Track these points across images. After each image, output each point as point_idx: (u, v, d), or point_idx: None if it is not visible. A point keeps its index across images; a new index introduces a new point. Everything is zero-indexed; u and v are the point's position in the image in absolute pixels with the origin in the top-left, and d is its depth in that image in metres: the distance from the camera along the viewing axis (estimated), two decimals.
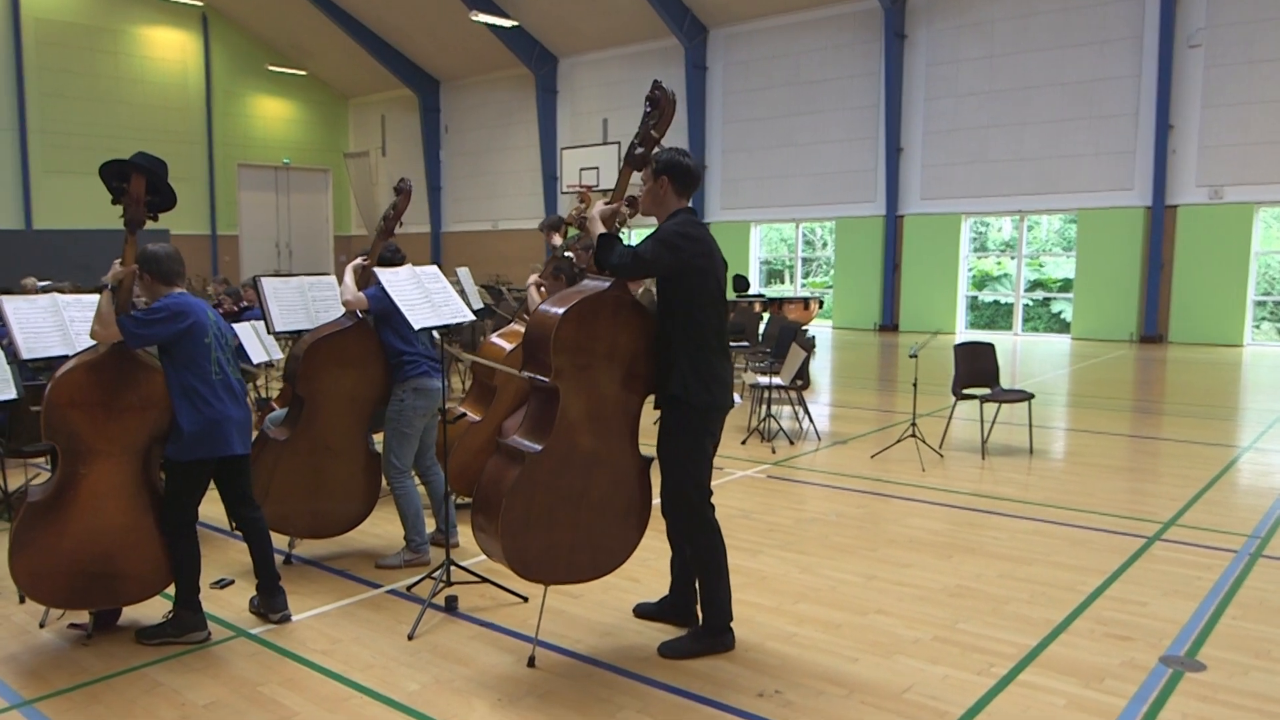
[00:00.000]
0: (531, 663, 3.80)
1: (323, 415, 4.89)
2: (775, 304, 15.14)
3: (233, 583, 4.76)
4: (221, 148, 25.46)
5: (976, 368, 7.55)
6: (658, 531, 4.19)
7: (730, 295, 16.94)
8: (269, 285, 5.76)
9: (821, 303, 15.92)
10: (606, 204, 3.88)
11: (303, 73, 26.44)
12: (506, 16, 20.52)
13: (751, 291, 16.17)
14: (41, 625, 4.24)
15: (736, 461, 7.35)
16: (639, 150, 3.86)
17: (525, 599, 4.49)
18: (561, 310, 3.67)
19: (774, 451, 7.65)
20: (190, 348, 3.94)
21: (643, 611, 4.27)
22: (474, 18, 19.92)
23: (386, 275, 4.34)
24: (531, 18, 20.97)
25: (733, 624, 3.98)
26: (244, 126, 25.91)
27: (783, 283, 20.16)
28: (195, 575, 4.09)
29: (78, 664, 3.88)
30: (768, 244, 20.88)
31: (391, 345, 5.01)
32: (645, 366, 3.85)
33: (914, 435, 7.32)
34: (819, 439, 8.14)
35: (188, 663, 3.88)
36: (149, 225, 4.03)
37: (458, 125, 25.12)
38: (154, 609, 4.27)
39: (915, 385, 7.47)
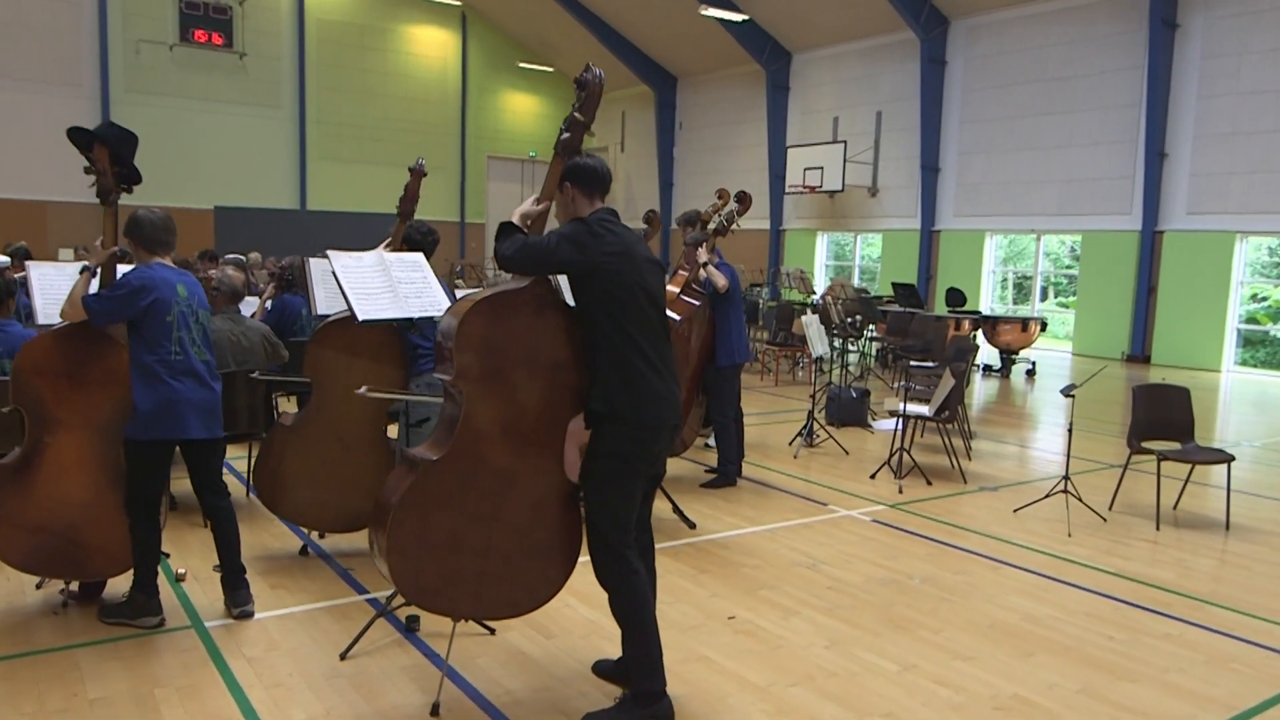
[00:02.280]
0: (435, 711, 3.31)
1: (330, 404, 4.65)
2: (988, 323, 13.56)
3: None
4: (473, 140, 26.84)
5: (1161, 416, 6.13)
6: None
7: (941, 309, 15.52)
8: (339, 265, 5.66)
9: (1044, 325, 14.07)
10: (535, 201, 3.35)
11: (550, 69, 27.33)
12: (737, 10, 19.98)
13: (966, 307, 14.62)
14: (38, 586, 4.30)
15: (850, 499, 6.43)
16: (565, 136, 3.33)
17: (492, 631, 4.00)
18: (470, 304, 3.15)
19: (900, 491, 6.64)
20: (150, 326, 3.79)
21: (601, 670, 3.64)
22: (702, 11, 19.55)
23: (342, 260, 4.00)
24: (763, 12, 20.30)
25: (701, 697, 3.29)
26: (494, 120, 27.17)
27: (1027, 300, 18.18)
28: (153, 559, 3.95)
29: (26, 634, 3.85)
30: (1004, 257, 18.95)
31: (408, 338, 4.70)
32: (574, 377, 3.27)
33: (1065, 491, 6.06)
34: (964, 481, 6.99)
35: (121, 649, 3.74)
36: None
37: (691, 122, 24.92)
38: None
39: (1070, 431, 6.17)
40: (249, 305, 7.24)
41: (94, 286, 3.91)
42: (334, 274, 3.98)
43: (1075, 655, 4.01)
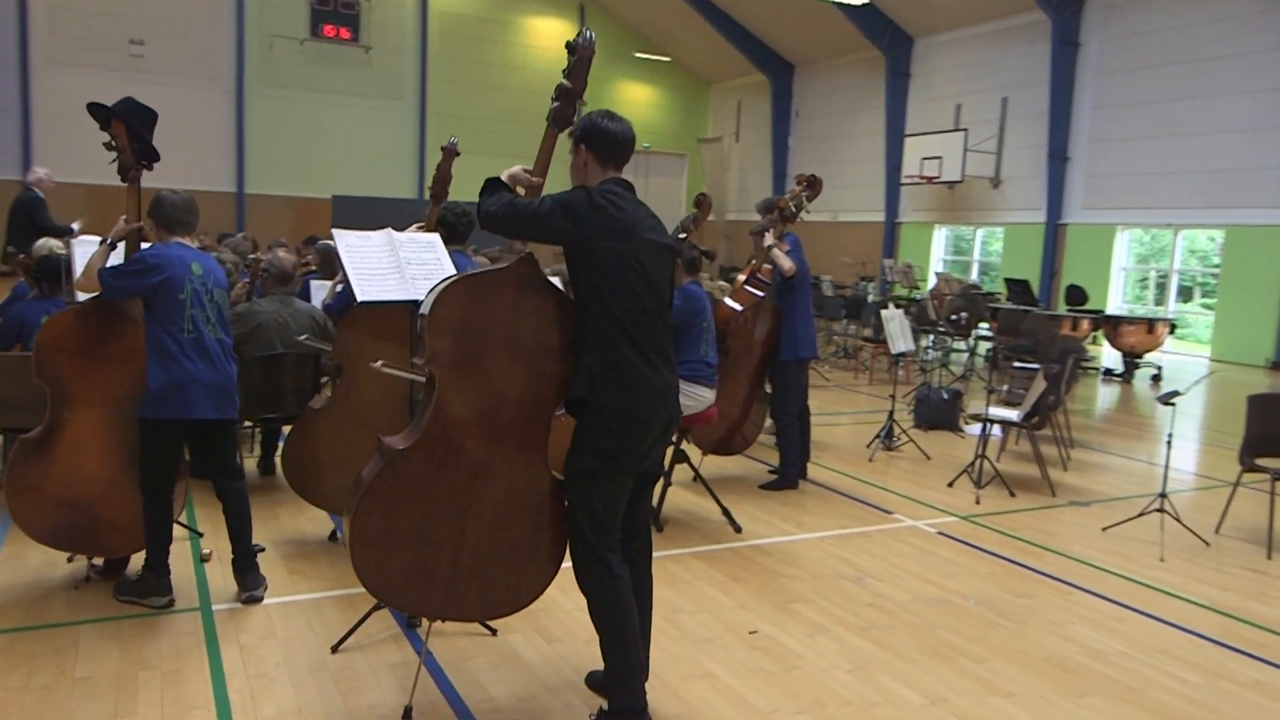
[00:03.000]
0: (407, 715, 3.15)
1: (358, 388, 4.57)
2: (1110, 323, 12.58)
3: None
4: None
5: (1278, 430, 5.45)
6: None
7: (1061, 308, 14.51)
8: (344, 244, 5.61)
9: (1173, 327, 12.94)
10: (526, 170, 3.12)
11: (667, 59, 27.12)
12: None
13: (1089, 306, 13.63)
14: (69, 560, 4.37)
15: (919, 508, 5.98)
16: (554, 104, 3.11)
17: (493, 631, 3.82)
18: (446, 284, 2.95)
19: (977, 502, 6.14)
20: (163, 303, 3.77)
21: (593, 682, 3.41)
22: None
23: (348, 239, 3.87)
24: None
25: (692, 718, 3.04)
26: (617, 112, 27.18)
27: (1164, 302, 16.85)
28: (163, 538, 3.94)
29: (40, 608, 3.90)
30: (1144, 254, 17.64)
31: None
32: (560, 366, 3.04)
33: (1161, 510, 5.45)
34: (1053, 494, 6.42)
35: (123, 628, 3.74)
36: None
37: (808, 111, 24.24)
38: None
39: (1169, 443, 5.53)
40: (320, 288, 7.29)
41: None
42: (336, 253, 3.87)
43: (1137, 699, 3.53)
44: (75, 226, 7.84)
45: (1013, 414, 6.72)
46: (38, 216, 8.59)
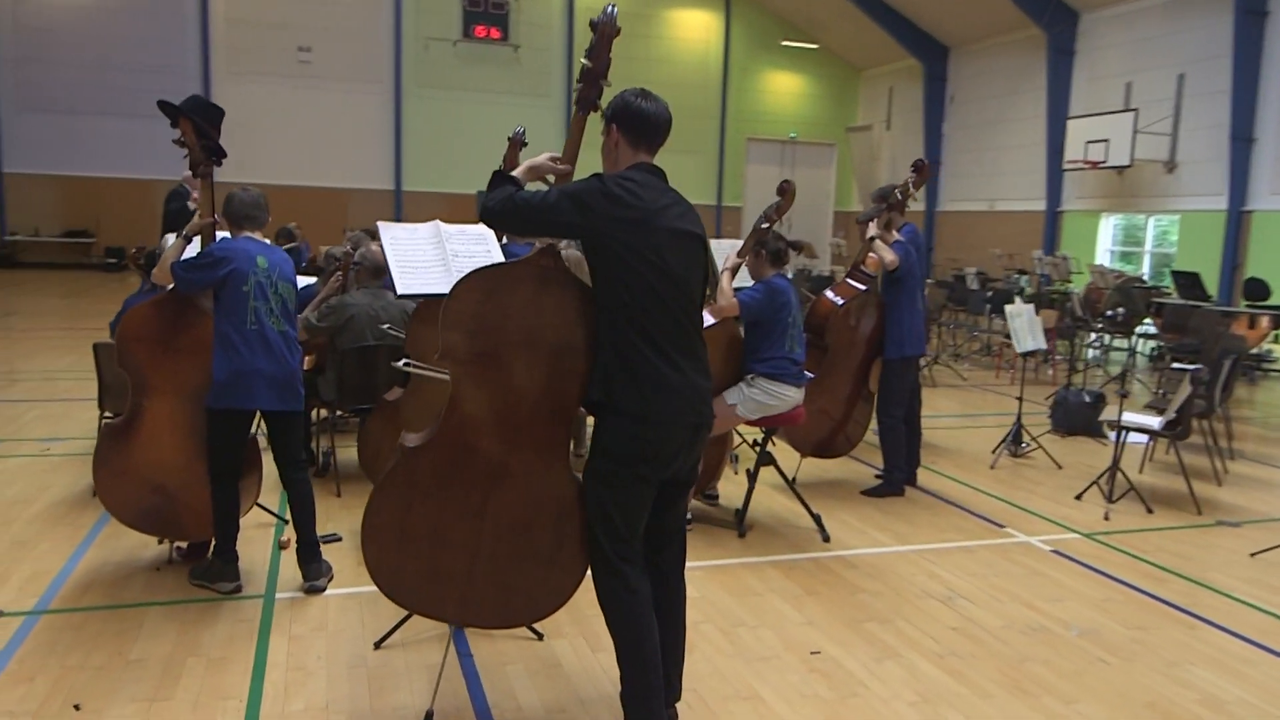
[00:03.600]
0: (429, 718, 3.07)
1: (427, 382, 4.55)
2: None
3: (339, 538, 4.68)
4: (733, 122, 26.57)
5: None
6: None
7: (1241, 304, 13.12)
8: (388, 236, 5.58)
9: None
10: (553, 157, 2.95)
11: (814, 46, 26.42)
12: None
13: (1271, 301, 12.27)
14: (160, 542, 4.55)
15: (1038, 522, 5.48)
16: (577, 86, 2.92)
17: (540, 636, 3.70)
18: (464, 277, 2.83)
19: (1106, 518, 5.56)
20: (228, 295, 3.84)
21: None
22: None
23: (393, 231, 3.81)
24: None
25: None
26: (754, 101, 26.70)
27: None
28: (230, 525, 4.04)
29: (120, 588, 4.06)
30: None
31: None
32: (584, 364, 2.87)
33: None
34: (1198, 512, 5.75)
35: (187, 612, 3.85)
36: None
37: (963, 96, 23.01)
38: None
39: None
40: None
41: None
42: (380, 246, 3.83)
43: None
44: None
45: (1154, 421, 6.06)
46: (170, 211, 9.14)
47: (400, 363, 3.82)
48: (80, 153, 21.11)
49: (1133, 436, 6.25)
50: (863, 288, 5.86)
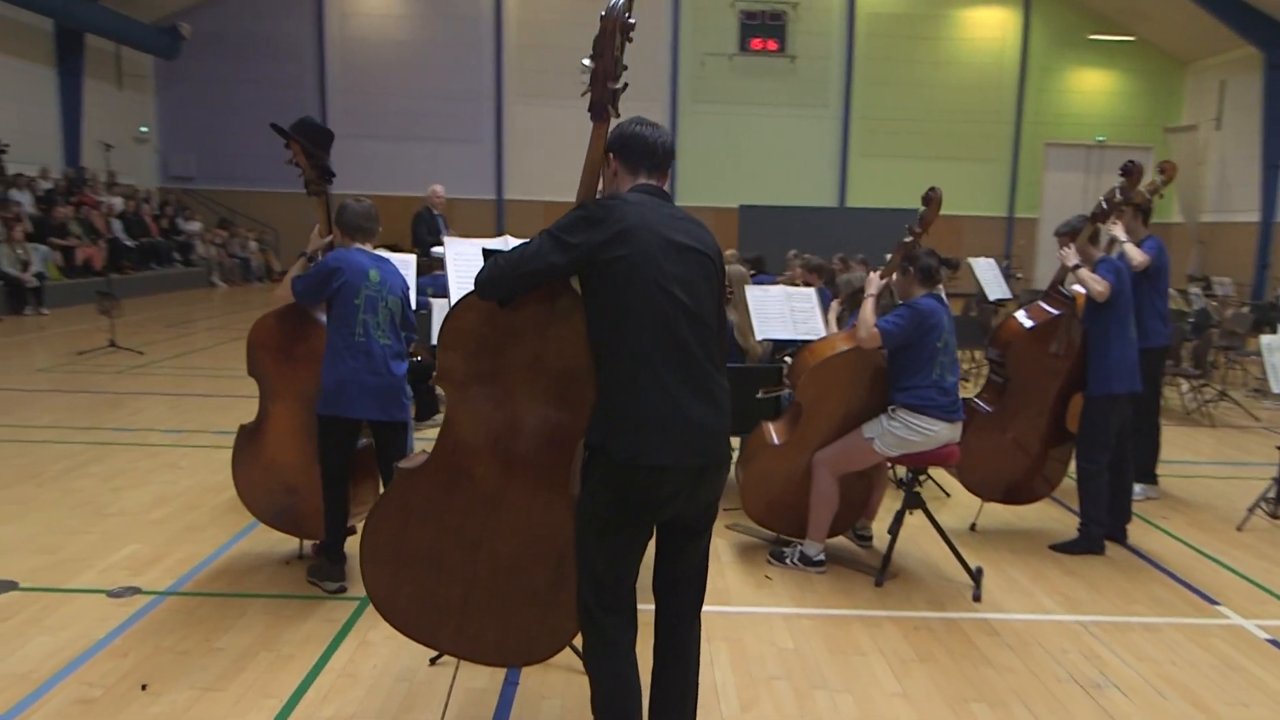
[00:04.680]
0: None
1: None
2: None
3: None
4: (1030, 126, 24.48)
5: None
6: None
7: None
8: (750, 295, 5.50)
9: None
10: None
11: (1130, 39, 23.68)
12: None
13: None
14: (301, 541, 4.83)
15: (1270, 602, 4.44)
16: (583, 94, 2.67)
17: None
18: (465, 294, 2.70)
19: None
20: (339, 306, 4.01)
21: None
22: None
23: (458, 246, 3.74)
24: None
25: None
26: (1055, 103, 24.43)
27: None
28: (339, 527, 4.21)
29: (246, 578, 4.37)
30: None
31: None
32: (589, 392, 2.63)
33: None
34: None
35: (288, 608, 4.06)
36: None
37: None
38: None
39: None
40: None
41: None
42: (443, 262, 3.81)
43: None
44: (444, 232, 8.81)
45: None
46: (417, 226, 9.86)
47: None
48: (390, 174, 23.64)
49: None
50: (1056, 311, 5.07)
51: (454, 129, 23.89)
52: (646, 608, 2.67)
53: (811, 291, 5.44)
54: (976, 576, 4.47)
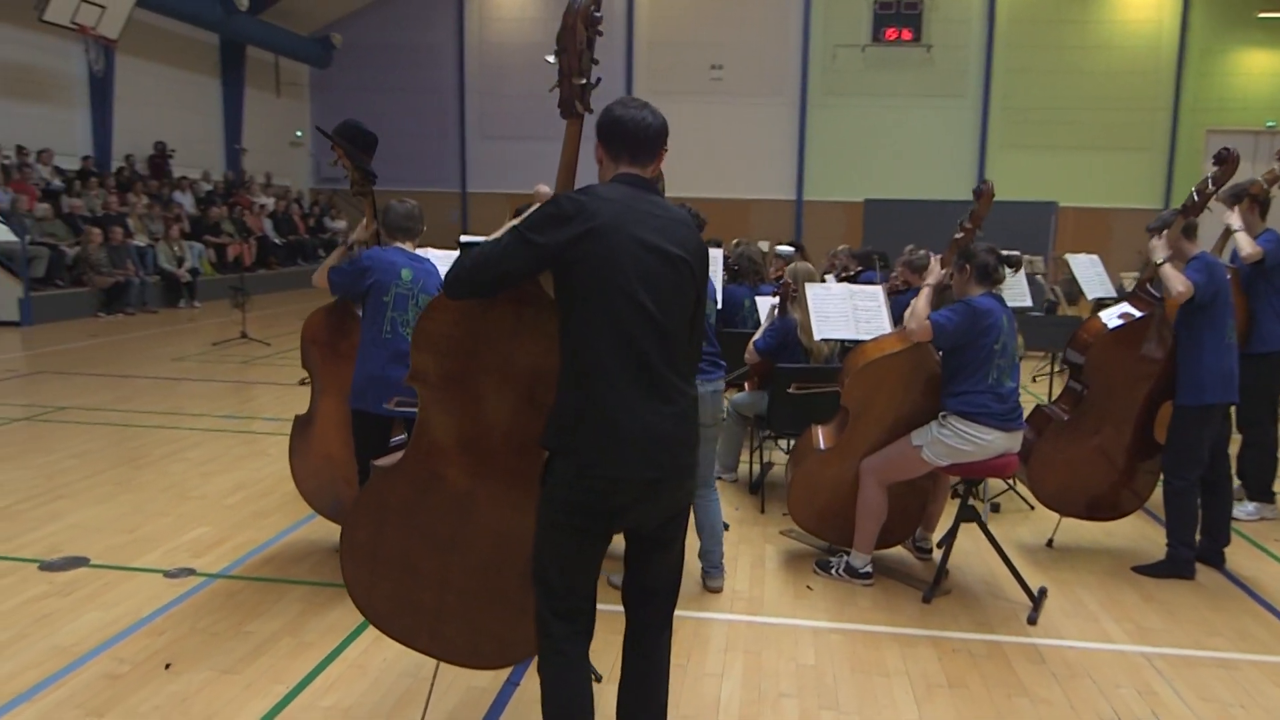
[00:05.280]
0: None
1: None
2: None
3: None
4: (1188, 113, 22.70)
5: None
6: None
7: None
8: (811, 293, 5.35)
9: None
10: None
11: None
12: None
13: None
14: None
15: None
16: (551, 90, 2.61)
17: (599, 678, 3.44)
18: (438, 297, 2.69)
19: None
20: (370, 304, 4.10)
21: None
22: None
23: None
24: None
25: None
26: (1218, 87, 22.55)
27: None
28: None
29: (292, 565, 4.54)
30: None
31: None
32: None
33: None
34: None
35: (321, 596, 4.18)
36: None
37: None
38: None
39: None
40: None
41: None
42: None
43: None
44: None
45: None
46: None
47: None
48: (522, 173, 24.17)
49: None
50: (1141, 313, 4.66)
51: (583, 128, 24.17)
52: (608, 609, 2.60)
53: (878, 290, 5.18)
54: (1037, 598, 4.16)
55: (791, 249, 9.47)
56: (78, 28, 14.28)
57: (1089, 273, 6.96)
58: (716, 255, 4.98)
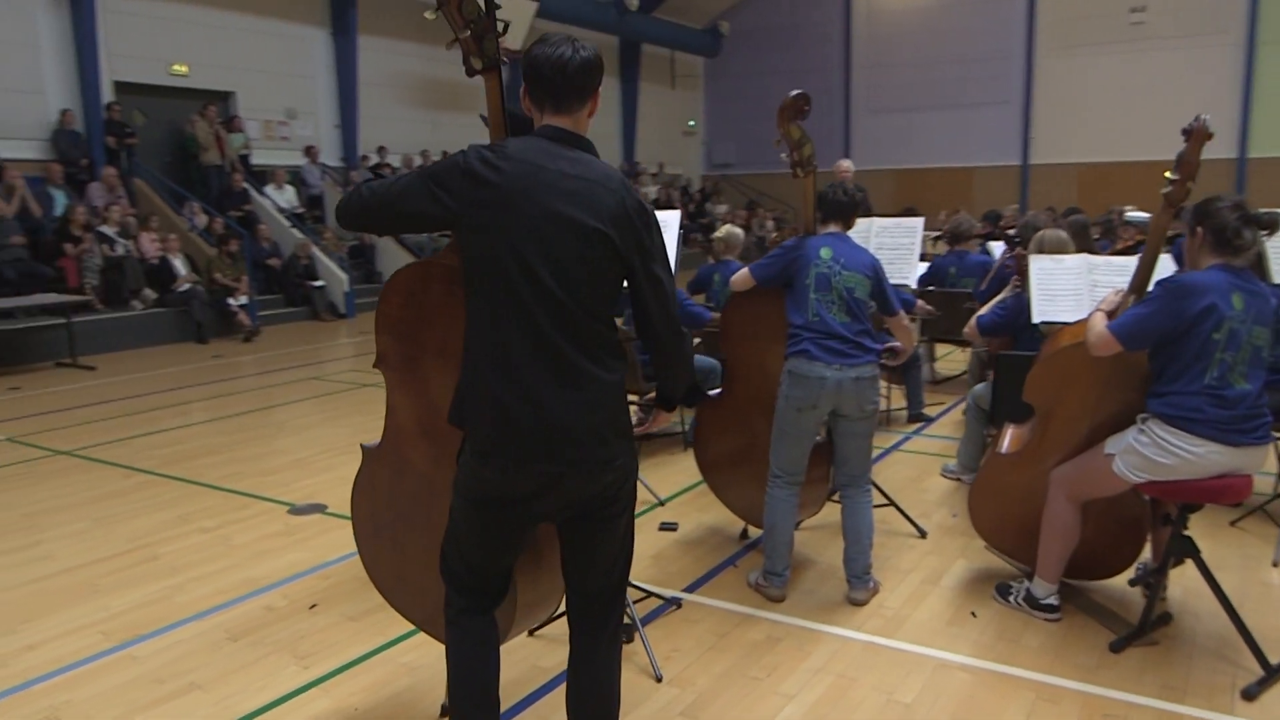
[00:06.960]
0: (444, 712, 3.08)
1: (740, 379, 4.27)
2: None
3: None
4: None
5: None
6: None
7: None
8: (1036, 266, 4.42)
9: None
10: None
11: None
12: None
13: None
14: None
15: None
16: (448, 46, 2.44)
17: (659, 679, 3.27)
18: (391, 278, 2.72)
19: None
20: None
21: None
22: None
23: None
24: None
25: None
26: None
27: None
28: None
29: None
30: None
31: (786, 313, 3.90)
32: None
33: None
34: None
35: None
36: None
37: None
38: None
39: None
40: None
41: None
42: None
43: None
44: None
45: None
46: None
47: None
48: (909, 146, 23.08)
49: None
50: None
51: (975, 93, 22.47)
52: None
53: (1129, 262, 4.20)
54: (1273, 668, 3.16)
55: (1145, 215, 8.03)
56: None
57: None
58: (669, 219, 4.20)
